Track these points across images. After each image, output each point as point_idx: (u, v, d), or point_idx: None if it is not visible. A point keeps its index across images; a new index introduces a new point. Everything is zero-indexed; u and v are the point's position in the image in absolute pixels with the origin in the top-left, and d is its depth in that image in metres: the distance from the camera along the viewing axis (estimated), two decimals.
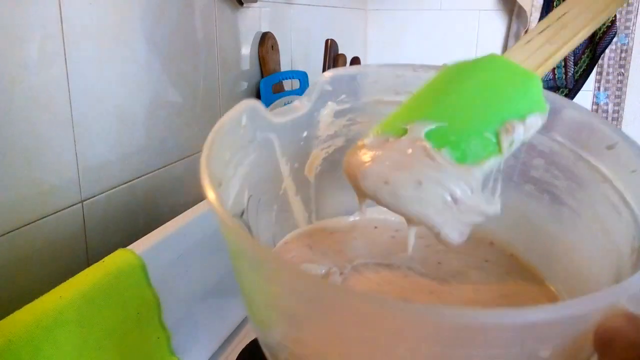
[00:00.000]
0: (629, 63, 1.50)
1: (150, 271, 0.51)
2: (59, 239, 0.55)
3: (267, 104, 0.94)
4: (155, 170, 0.70)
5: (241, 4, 0.89)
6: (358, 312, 0.24)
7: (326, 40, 0.99)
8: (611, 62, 1.50)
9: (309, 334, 0.29)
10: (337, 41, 1.01)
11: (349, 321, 0.26)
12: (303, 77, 1.08)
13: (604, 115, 1.55)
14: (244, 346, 0.64)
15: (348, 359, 0.28)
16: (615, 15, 1.41)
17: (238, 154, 0.37)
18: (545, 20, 0.38)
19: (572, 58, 1.47)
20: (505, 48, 1.59)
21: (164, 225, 0.57)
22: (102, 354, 0.45)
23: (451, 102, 0.35)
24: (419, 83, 0.39)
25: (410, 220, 0.34)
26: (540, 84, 0.36)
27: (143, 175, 0.67)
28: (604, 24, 1.42)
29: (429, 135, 0.34)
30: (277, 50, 1.02)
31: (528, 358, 0.24)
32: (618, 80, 1.52)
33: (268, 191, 0.43)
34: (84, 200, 0.58)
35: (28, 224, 0.51)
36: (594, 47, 1.46)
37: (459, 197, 0.33)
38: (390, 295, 0.39)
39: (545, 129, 0.38)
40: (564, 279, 0.40)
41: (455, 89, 0.36)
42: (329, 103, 0.45)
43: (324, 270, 0.41)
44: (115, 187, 0.62)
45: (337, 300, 0.25)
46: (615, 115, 1.54)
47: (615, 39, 1.45)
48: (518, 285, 0.41)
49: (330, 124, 0.46)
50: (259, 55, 0.98)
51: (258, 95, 0.96)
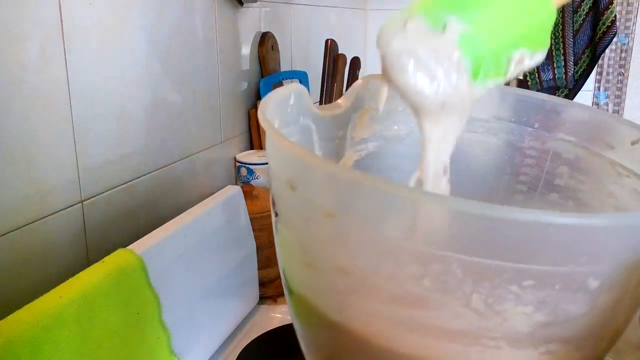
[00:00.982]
0: (629, 63, 1.50)
1: (150, 271, 0.51)
2: (59, 239, 0.55)
3: None
4: (155, 170, 0.70)
5: (241, 4, 0.89)
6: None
7: (326, 40, 0.99)
8: (611, 62, 1.51)
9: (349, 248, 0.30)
10: (337, 41, 1.01)
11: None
12: (303, 77, 1.08)
13: None
14: (244, 346, 0.64)
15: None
16: (615, 15, 1.41)
17: (284, 128, 0.38)
18: None
19: (572, 58, 1.47)
20: None
21: (164, 225, 0.57)
22: (102, 354, 0.45)
23: (486, 6, 0.35)
24: None
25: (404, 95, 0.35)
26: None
27: (143, 175, 0.67)
28: (604, 24, 1.42)
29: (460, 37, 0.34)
30: (277, 50, 1.02)
31: (576, 286, 0.24)
32: (618, 80, 1.52)
33: None
34: (84, 200, 0.58)
35: (28, 224, 0.51)
36: (594, 47, 1.46)
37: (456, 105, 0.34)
38: None
39: (567, 133, 0.38)
40: None
41: None
42: (366, 107, 0.46)
43: None
44: (115, 187, 0.62)
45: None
46: (615, 115, 1.54)
47: (615, 39, 1.45)
48: None
49: (366, 128, 0.46)
50: (259, 55, 0.98)
51: (258, 95, 0.96)
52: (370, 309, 0.30)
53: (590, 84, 1.54)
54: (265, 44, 0.97)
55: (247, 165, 0.87)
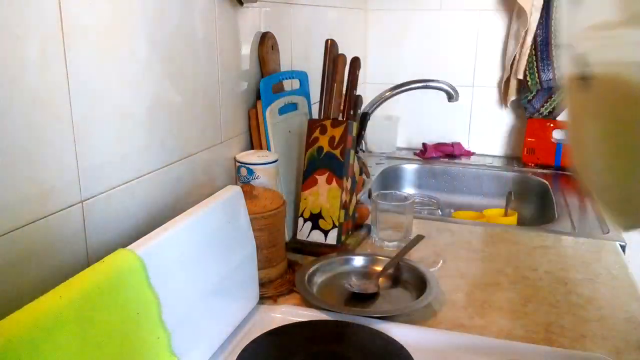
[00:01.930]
0: None
1: (150, 271, 0.51)
2: (59, 239, 0.55)
3: (267, 103, 0.94)
4: (155, 170, 0.70)
5: (241, 4, 0.89)
6: None
7: (326, 40, 0.99)
8: None
9: None
10: (337, 41, 1.01)
11: None
12: (303, 77, 1.08)
13: None
14: (244, 346, 0.64)
15: None
16: None
17: None
18: None
19: None
20: (505, 48, 1.59)
21: (164, 225, 0.57)
22: (102, 354, 0.45)
23: None
24: None
25: None
26: None
27: (143, 175, 0.67)
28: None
29: None
30: (277, 50, 1.02)
31: None
32: None
33: None
34: (84, 200, 0.58)
35: (28, 224, 0.51)
36: None
37: None
38: None
39: None
40: None
41: None
42: None
43: None
44: (115, 187, 0.62)
45: None
46: None
47: None
48: None
49: None
50: (259, 55, 0.98)
51: (258, 95, 0.96)
52: None
53: None
54: (265, 44, 0.97)
55: (247, 165, 0.87)
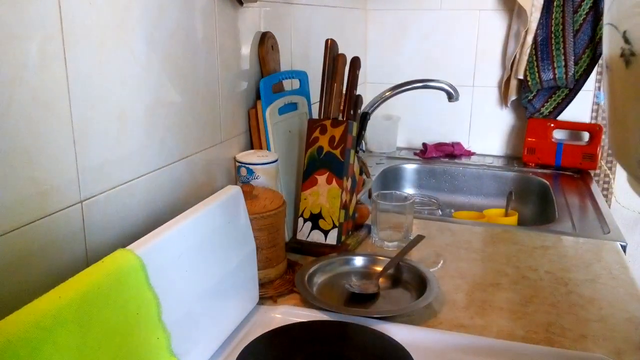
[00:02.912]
0: None
1: (149, 271, 0.51)
2: (59, 239, 0.55)
3: (267, 103, 0.94)
4: (155, 170, 0.70)
5: (241, 4, 0.89)
6: None
7: (326, 40, 0.99)
8: None
9: None
10: (337, 41, 1.01)
11: None
12: (303, 77, 1.08)
13: (605, 115, 1.54)
14: (244, 346, 0.64)
15: None
16: None
17: None
18: None
19: (573, 58, 1.47)
20: (505, 48, 1.59)
21: (163, 225, 0.57)
22: (102, 354, 0.45)
23: None
24: None
25: None
26: None
27: (143, 175, 0.67)
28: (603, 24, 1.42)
29: None
30: (277, 50, 1.02)
31: None
32: None
33: None
34: (84, 201, 0.58)
35: (28, 224, 0.51)
36: (594, 47, 1.46)
37: None
38: None
39: None
40: None
41: None
42: None
43: None
44: (115, 187, 0.62)
45: None
46: None
47: None
48: None
49: None
50: (259, 55, 0.98)
51: (258, 95, 0.96)
52: None
53: (590, 84, 1.54)
54: (265, 44, 0.97)
55: (247, 165, 0.87)
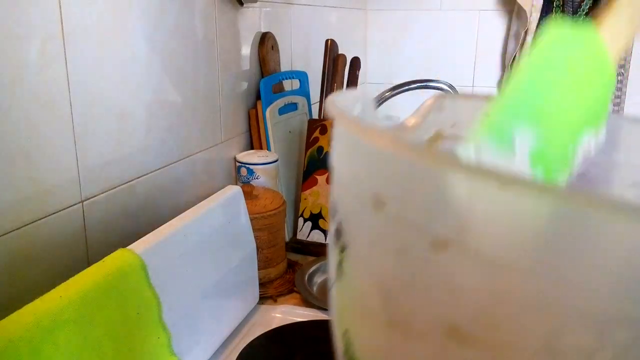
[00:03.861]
0: (629, 63, 1.50)
1: (150, 271, 0.51)
2: (59, 239, 0.55)
3: (267, 104, 0.94)
4: (155, 170, 0.70)
5: (241, 4, 0.89)
6: None
7: (326, 40, 0.99)
8: None
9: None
10: (337, 41, 1.01)
11: None
12: (303, 77, 1.08)
13: None
14: (244, 346, 0.64)
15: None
16: None
17: None
18: None
19: None
20: (505, 48, 1.59)
21: (164, 225, 0.57)
22: (102, 354, 0.45)
23: (548, 101, 0.30)
24: None
25: None
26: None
27: (143, 175, 0.67)
28: None
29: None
30: (277, 50, 1.02)
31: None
32: (618, 80, 1.52)
33: None
34: (84, 200, 0.58)
35: (28, 224, 0.51)
36: None
37: None
38: None
39: None
40: None
41: (554, 82, 0.30)
42: (437, 131, 0.39)
43: None
44: (115, 187, 0.62)
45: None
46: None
47: None
48: None
49: None
50: (259, 55, 0.98)
51: (258, 95, 0.96)
52: None
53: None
54: (265, 44, 0.97)
55: (247, 165, 0.87)
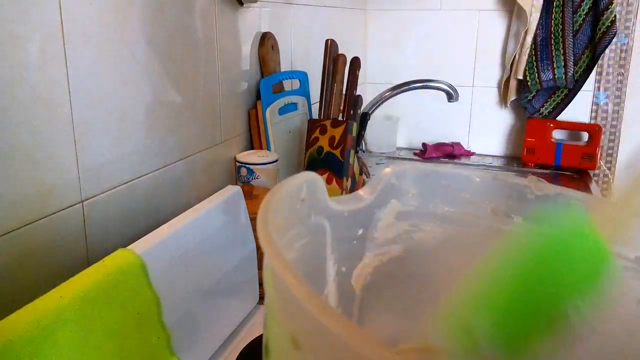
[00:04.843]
0: (629, 63, 1.50)
1: (150, 271, 0.51)
2: (59, 239, 0.55)
3: (267, 104, 0.94)
4: (155, 170, 0.70)
5: (241, 4, 0.89)
6: None
7: (326, 40, 0.99)
8: (611, 62, 1.50)
9: None
10: (337, 41, 1.01)
11: None
12: (303, 77, 1.08)
13: (604, 115, 1.55)
14: (244, 346, 0.64)
15: None
16: (615, 15, 1.41)
17: (292, 229, 0.32)
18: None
19: (572, 58, 1.47)
20: (505, 48, 1.59)
21: (164, 225, 0.57)
22: (102, 354, 0.45)
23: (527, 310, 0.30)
24: (501, 191, 0.33)
25: None
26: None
27: (143, 175, 0.67)
28: (603, 24, 1.42)
29: None
30: (277, 50, 1.02)
31: None
32: (618, 81, 1.52)
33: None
34: (84, 200, 0.58)
35: (28, 224, 0.51)
36: (594, 47, 1.46)
37: None
38: None
39: None
40: None
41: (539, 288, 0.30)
42: (393, 201, 0.39)
43: None
44: (115, 187, 0.62)
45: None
46: (615, 115, 1.54)
47: (615, 39, 1.45)
48: None
49: (390, 227, 0.39)
50: (259, 55, 0.98)
51: (258, 96, 0.96)
52: None
53: (590, 84, 1.54)
54: (265, 44, 0.97)
55: (247, 165, 0.87)
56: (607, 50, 1.48)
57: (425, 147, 1.64)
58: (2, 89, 0.47)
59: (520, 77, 1.53)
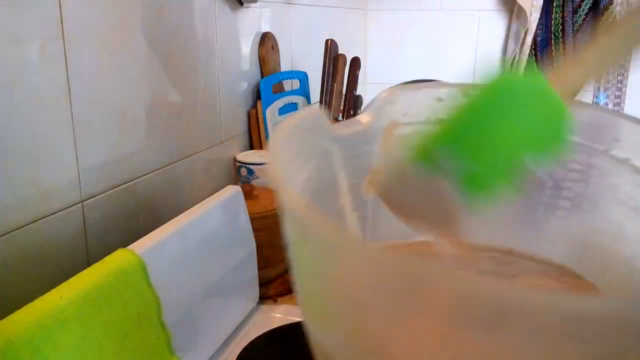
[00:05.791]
0: (629, 63, 1.50)
1: (150, 271, 0.51)
2: (59, 239, 0.55)
3: (267, 104, 0.94)
4: (155, 170, 0.70)
5: (241, 4, 0.89)
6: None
7: (326, 40, 0.99)
8: None
9: (377, 324, 0.27)
10: (337, 41, 1.01)
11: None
12: (303, 77, 1.08)
13: None
14: (244, 346, 0.64)
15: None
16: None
17: (301, 156, 0.36)
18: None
19: None
20: (505, 48, 1.59)
21: (164, 225, 0.57)
22: (102, 354, 0.45)
23: (484, 139, 0.33)
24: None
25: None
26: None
27: (143, 175, 0.67)
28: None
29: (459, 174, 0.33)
30: (277, 50, 1.02)
31: None
32: (618, 80, 1.52)
33: (325, 203, 0.41)
34: (84, 200, 0.58)
35: (28, 224, 0.51)
36: None
37: None
38: None
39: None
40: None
41: (492, 124, 0.33)
42: (392, 121, 0.43)
43: None
44: (115, 187, 0.62)
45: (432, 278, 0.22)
46: None
47: None
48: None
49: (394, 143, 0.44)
50: (259, 55, 0.98)
51: (258, 96, 0.96)
52: None
53: (590, 84, 1.54)
54: (265, 44, 0.97)
55: (247, 165, 0.87)
56: None
57: None
58: (2, 89, 0.47)
59: None
